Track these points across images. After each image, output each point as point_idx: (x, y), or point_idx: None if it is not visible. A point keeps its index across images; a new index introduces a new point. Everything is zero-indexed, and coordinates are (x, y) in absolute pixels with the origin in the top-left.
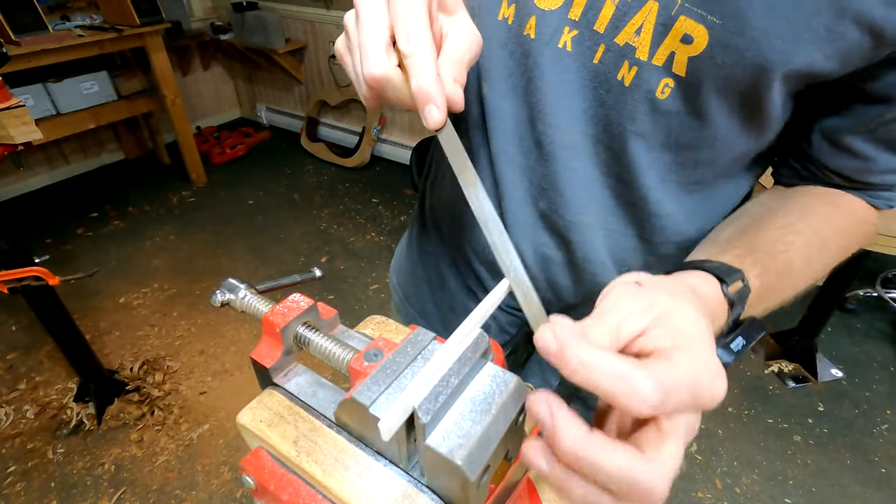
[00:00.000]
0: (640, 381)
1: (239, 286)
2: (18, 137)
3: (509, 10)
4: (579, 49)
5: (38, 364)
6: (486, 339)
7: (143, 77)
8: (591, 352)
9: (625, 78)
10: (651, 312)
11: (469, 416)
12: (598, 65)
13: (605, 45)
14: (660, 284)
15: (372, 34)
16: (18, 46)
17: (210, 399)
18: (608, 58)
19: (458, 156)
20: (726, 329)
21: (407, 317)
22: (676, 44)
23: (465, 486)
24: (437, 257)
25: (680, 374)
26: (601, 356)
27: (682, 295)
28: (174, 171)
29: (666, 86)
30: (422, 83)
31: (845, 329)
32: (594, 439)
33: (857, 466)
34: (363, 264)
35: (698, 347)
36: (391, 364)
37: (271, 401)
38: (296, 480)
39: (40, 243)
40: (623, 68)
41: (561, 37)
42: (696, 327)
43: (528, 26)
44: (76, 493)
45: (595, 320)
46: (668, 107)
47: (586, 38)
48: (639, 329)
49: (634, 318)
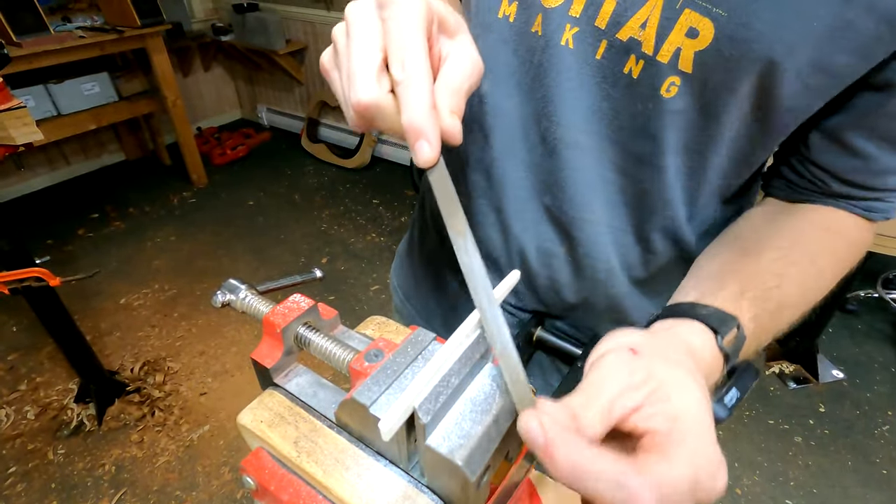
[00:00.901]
0: (637, 489)
1: (239, 287)
2: (19, 138)
3: (510, 9)
4: (581, 46)
5: (38, 365)
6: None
7: (143, 78)
8: (584, 453)
9: (632, 70)
10: (646, 387)
11: (469, 416)
12: (601, 60)
13: (606, 42)
14: (655, 350)
15: (363, 55)
16: (20, 48)
17: (210, 400)
18: (610, 54)
19: (449, 200)
20: (720, 380)
21: (407, 317)
22: (682, 38)
23: (465, 486)
24: (438, 258)
25: (678, 473)
26: (594, 460)
27: (680, 365)
28: (175, 171)
29: (672, 84)
30: (413, 116)
31: (846, 330)
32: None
33: (858, 467)
34: (364, 265)
35: (697, 435)
36: (391, 364)
37: (272, 401)
38: (296, 481)
39: (41, 244)
40: (630, 62)
41: (563, 34)
42: (695, 407)
43: (536, 24)
44: (77, 494)
45: (586, 399)
46: (675, 105)
47: (588, 35)
48: (633, 406)
49: (628, 394)
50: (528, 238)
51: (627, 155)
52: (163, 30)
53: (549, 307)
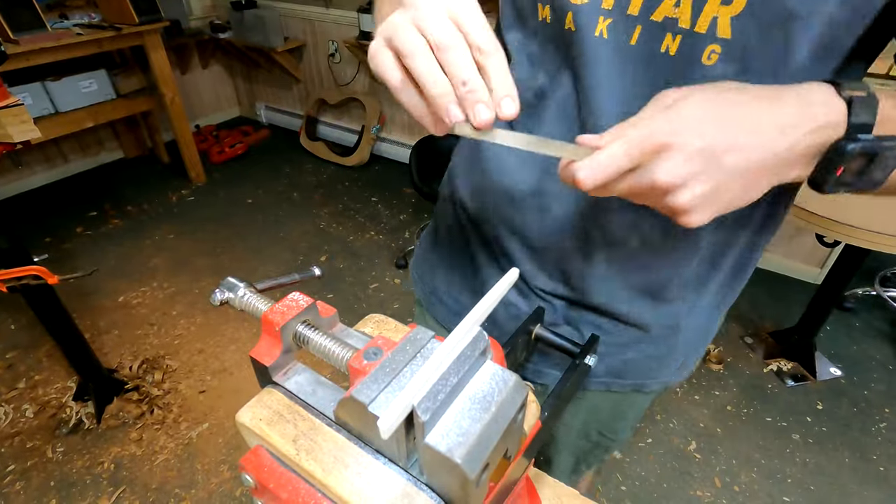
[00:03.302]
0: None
1: (238, 285)
2: (17, 136)
3: (545, 11)
4: (615, 35)
5: (37, 363)
6: (486, 337)
7: (141, 76)
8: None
9: (669, 48)
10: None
11: (468, 414)
12: (636, 46)
13: (640, 26)
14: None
15: (466, 69)
16: (17, 45)
17: (209, 398)
18: (645, 37)
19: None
20: (845, 132)
21: (432, 307)
22: (717, 7)
23: (464, 484)
24: (468, 242)
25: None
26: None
27: (706, 89)
28: (173, 169)
29: (713, 52)
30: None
31: (844, 328)
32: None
33: (856, 465)
34: (362, 263)
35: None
36: (390, 362)
37: (271, 399)
38: (295, 479)
39: (39, 242)
40: (666, 40)
41: (597, 26)
42: (698, 103)
43: (568, 21)
44: (76, 492)
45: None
46: (717, 72)
47: (620, 24)
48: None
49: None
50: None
51: None
52: (161, 27)
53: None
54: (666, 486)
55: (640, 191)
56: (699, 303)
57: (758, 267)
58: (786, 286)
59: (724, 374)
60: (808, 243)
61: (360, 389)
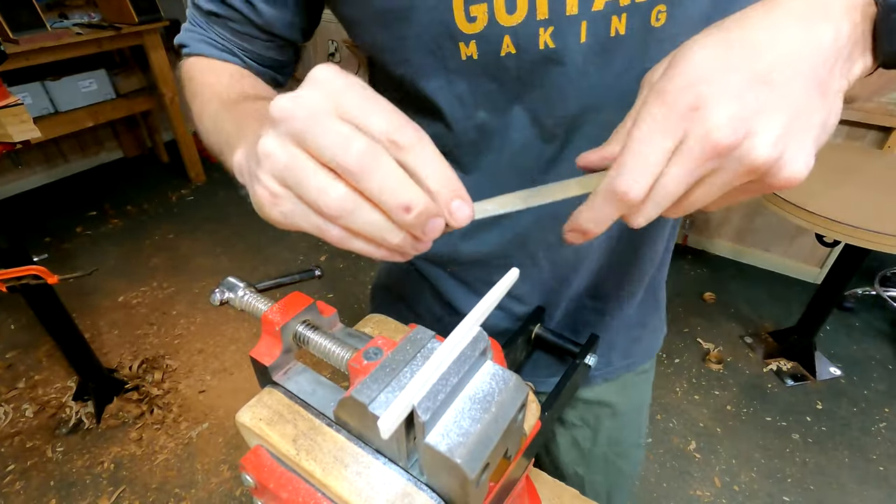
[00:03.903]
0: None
1: (238, 285)
2: (17, 136)
3: (469, 49)
4: (560, 40)
5: (37, 363)
6: (486, 337)
7: (141, 75)
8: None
9: (618, 30)
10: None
11: (468, 414)
12: (586, 43)
13: (585, 22)
14: None
15: (400, 189)
16: (16, 45)
17: (209, 398)
18: (592, 30)
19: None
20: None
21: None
22: None
23: (464, 484)
24: (421, 288)
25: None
26: None
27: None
28: (173, 169)
29: (660, 12)
30: (442, 183)
31: (844, 327)
32: None
33: (856, 464)
34: (362, 263)
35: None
36: (390, 362)
37: (271, 399)
38: (295, 479)
39: (39, 242)
40: (613, 23)
41: (539, 39)
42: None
43: (505, 46)
44: (75, 492)
45: None
46: (668, 33)
47: (564, 27)
48: None
49: None
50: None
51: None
52: (160, 27)
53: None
54: (666, 486)
55: (702, 169)
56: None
57: (758, 267)
58: (786, 286)
59: (723, 373)
60: (808, 243)
61: (360, 389)
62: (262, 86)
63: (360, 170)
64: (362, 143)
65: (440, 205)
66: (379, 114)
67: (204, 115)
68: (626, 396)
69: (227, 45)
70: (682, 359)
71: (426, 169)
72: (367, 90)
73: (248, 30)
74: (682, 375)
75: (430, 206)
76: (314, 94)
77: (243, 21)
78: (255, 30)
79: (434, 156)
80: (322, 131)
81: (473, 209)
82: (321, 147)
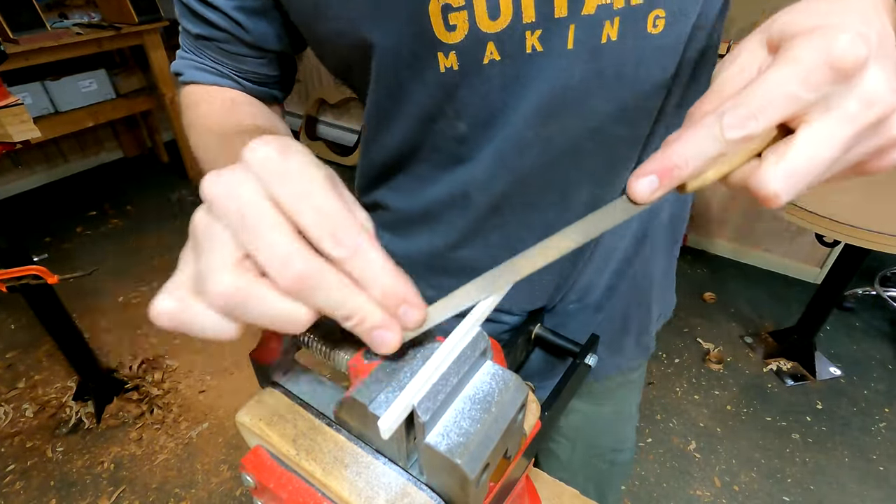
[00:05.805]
0: None
1: None
2: (17, 136)
3: (449, 60)
4: (548, 44)
5: (36, 363)
6: (486, 337)
7: (141, 75)
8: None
9: (610, 35)
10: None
11: (468, 414)
12: (574, 49)
13: (574, 25)
14: None
15: (347, 301)
16: (16, 45)
17: (209, 397)
18: (581, 35)
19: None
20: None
21: None
22: None
23: (464, 484)
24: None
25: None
26: None
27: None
28: (173, 169)
29: (657, 17)
30: (389, 284)
31: (844, 327)
32: None
33: (856, 464)
34: None
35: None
36: (390, 362)
37: (270, 399)
38: (295, 479)
39: (39, 242)
40: (605, 28)
41: (526, 43)
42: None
43: (488, 53)
44: (75, 492)
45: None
46: (666, 40)
47: (552, 30)
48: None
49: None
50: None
51: (629, 111)
52: (160, 26)
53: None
54: (666, 486)
55: (861, 134)
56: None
57: (757, 266)
58: (785, 286)
59: (723, 373)
60: (807, 243)
61: (360, 389)
62: (258, 109)
63: (299, 290)
64: (301, 264)
65: (389, 308)
66: (318, 210)
67: (199, 148)
68: (599, 405)
69: (220, 69)
70: (682, 359)
71: (369, 275)
72: (304, 174)
73: (238, 49)
74: (682, 375)
75: (376, 316)
76: (247, 183)
77: (232, 40)
78: (245, 48)
79: (377, 259)
80: (256, 237)
81: (426, 313)
82: (256, 254)
